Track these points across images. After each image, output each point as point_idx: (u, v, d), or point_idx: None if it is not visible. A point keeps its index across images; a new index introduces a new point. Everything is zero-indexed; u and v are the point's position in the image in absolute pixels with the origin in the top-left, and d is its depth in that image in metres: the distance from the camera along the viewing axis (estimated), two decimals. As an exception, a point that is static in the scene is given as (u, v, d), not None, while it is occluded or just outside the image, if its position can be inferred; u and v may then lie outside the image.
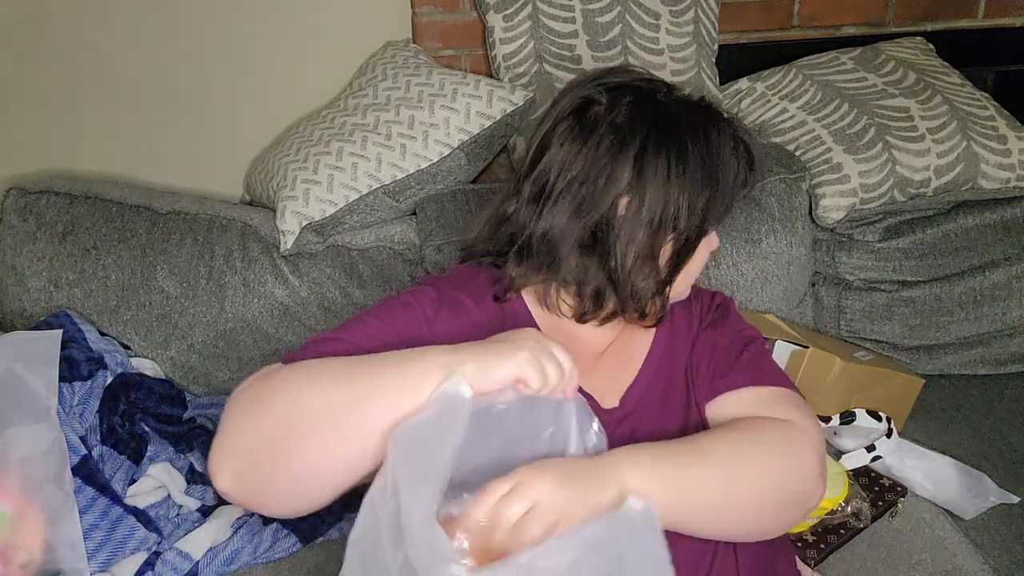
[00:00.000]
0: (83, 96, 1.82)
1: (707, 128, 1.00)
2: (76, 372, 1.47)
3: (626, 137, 0.96)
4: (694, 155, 0.98)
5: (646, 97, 0.99)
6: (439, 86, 1.69)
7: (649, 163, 0.96)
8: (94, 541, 1.32)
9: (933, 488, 1.46)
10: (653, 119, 0.97)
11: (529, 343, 0.82)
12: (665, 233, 0.99)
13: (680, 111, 0.99)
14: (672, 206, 0.97)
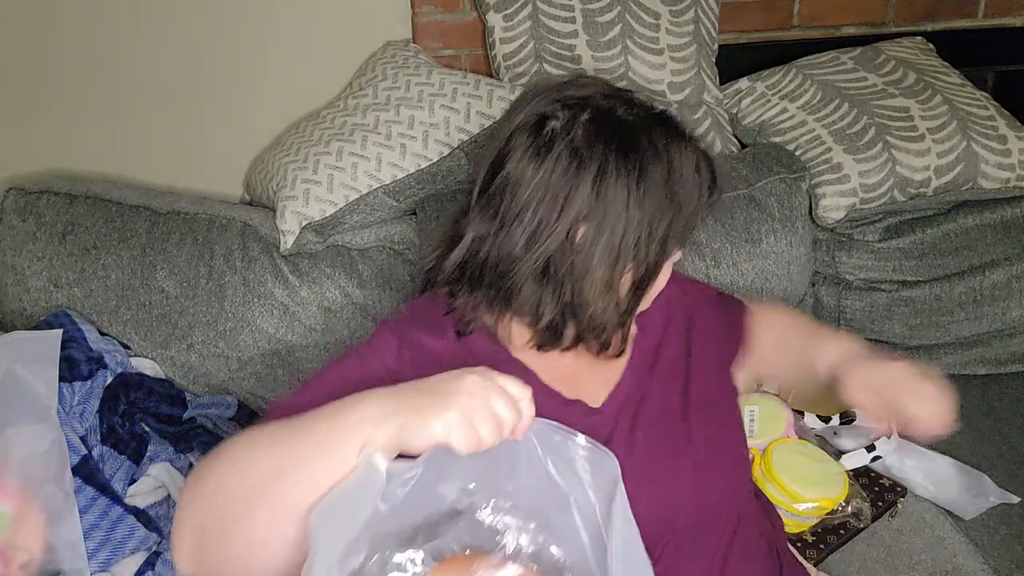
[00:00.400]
0: (83, 96, 1.82)
1: (668, 147, 0.94)
2: (76, 372, 1.47)
3: (584, 159, 0.90)
4: (655, 178, 0.92)
5: (605, 115, 0.93)
6: (439, 86, 1.69)
7: (608, 188, 0.90)
8: (94, 541, 1.32)
9: (934, 488, 1.46)
10: (612, 139, 0.91)
11: (463, 397, 0.75)
12: (625, 263, 0.93)
13: (641, 129, 0.93)
14: (632, 234, 0.92)
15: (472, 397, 0.75)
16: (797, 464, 1.36)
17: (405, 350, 0.99)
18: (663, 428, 1.03)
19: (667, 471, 1.01)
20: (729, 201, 1.70)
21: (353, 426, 0.75)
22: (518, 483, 0.80)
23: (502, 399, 0.75)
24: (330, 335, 1.60)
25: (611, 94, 0.96)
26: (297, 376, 1.61)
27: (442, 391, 0.75)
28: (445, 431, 0.73)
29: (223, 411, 1.58)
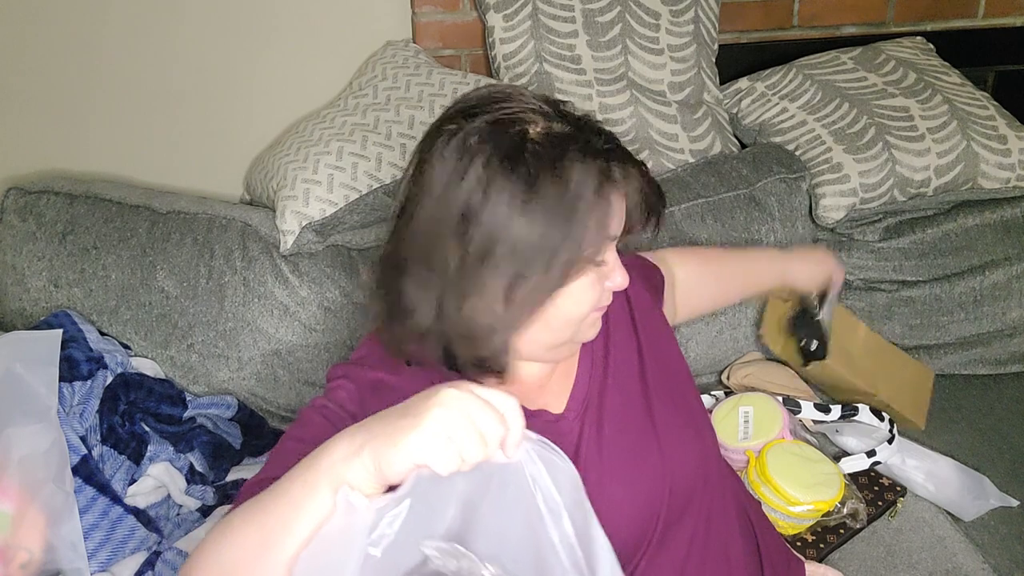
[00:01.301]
0: (83, 96, 1.82)
1: (571, 166, 0.86)
2: (76, 372, 1.47)
3: (471, 164, 0.85)
4: (548, 195, 0.85)
5: (504, 123, 0.87)
6: (439, 86, 1.69)
7: (493, 200, 0.84)
8: (94, 541, 1.32)
9: (934, 489, 1.46)
10: (502, 147, 0.85)
11: (438, 411, 0.68)
12: (518, 281, 0.86)
13: (547, 143, 0.86)
14: (523, 252, 0.85)
15: (449, 410, 0.68)
16: (792, 466, 1.36)
17: (365, 392, 0.95)
18: (626, 419, 1.03)
19: (638, 464, 1.00)
20: (729, 201, 1.70)
21: (324, 471, 0.70)
22: (504, 524, 0.74)
23: (484, 410, 0.69)
24: (330, 335, 1.60)
25: (532, 108, 0.89)
26: (297, 376, 1.61)
27: (414, 411, 0.69)
28: (421, 451, 0.67)
29: (223, 411, 1.58)
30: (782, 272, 1.43)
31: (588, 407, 1.02)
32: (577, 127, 0.89)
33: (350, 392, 0.95)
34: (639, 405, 1.04)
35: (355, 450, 0.70)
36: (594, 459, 0.99)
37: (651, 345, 1.11)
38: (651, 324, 1.14)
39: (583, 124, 0.90)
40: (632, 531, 0.98)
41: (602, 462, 0.99)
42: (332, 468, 0.70)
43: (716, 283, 1.43)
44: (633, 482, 0.99)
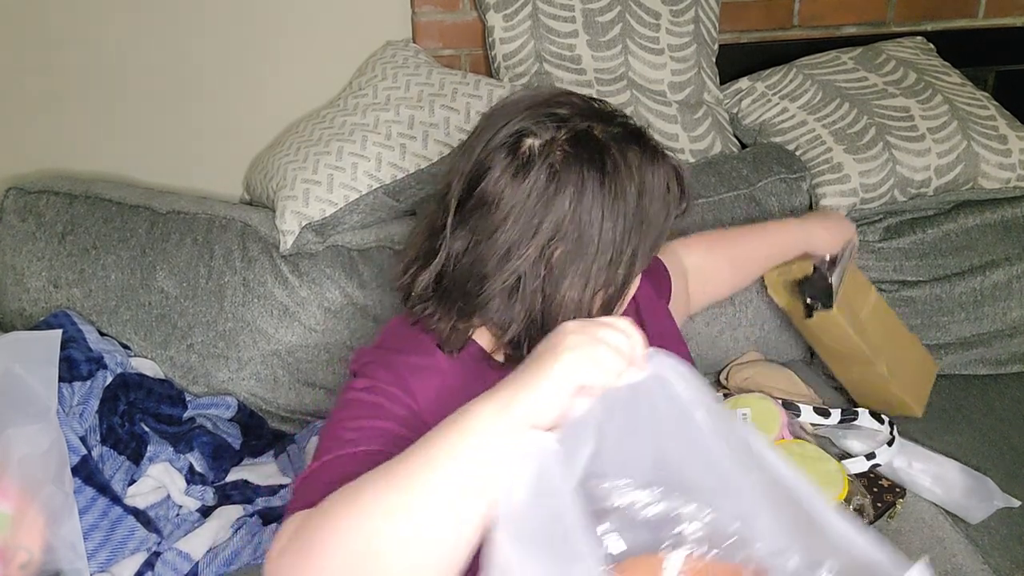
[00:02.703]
0: (83, 96, 1.82)
1: (642, 167, 0.93)
2: (76, 372, 1.47)
3: (561, 181, 0.90)
4: (629, 199, 0.91)
5: (584, 135, 0.92)
6: (439, 86, 1.69)
7: (584, 211, 0.90)
8: (94, 541, 1.32)
9: (942, 493, 1.46)
10: (591, 161, 0.91)
11: (573, 337, 0.73)
12: (596, 284, 0.93)
13: (617, 149, 0.92)
14: (605, 255, 0.91)
15: (580, 335, 0.73)
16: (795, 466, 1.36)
17: (405, 373, 0.96)
18: None
19: None
20: (730, 201, 1.70)
21: (479, 434, 0.72)
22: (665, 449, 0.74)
23: (607, 329, 0.74)
24: (330, 335, 1.60)
25: (589, 112, 0.95)
26: (297, 376, 1.61)
27: (548, 351, 0.74)
28: (569, 374, 0.71)
29: (223, 411, 1.58)
30: (805, 241, 1.45)
31: None
32: (628, 128, 0.95)
33: (388, 375, 0.95)
34: None
35: (502, 407, 0.72)
36: None
37: (657, 341, 1.11)
38: (657, 320, 1.15)
39: (629, 125, 0.96)
40: None
41: None
42: (487, 431, 0.72)
43: (730, 266, 1.46)
44: None
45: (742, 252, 1.47)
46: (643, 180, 0.92)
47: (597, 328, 0.74)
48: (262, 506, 1.45)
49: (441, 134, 1.65)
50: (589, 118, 0.93)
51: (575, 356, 0.72)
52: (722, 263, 1.44)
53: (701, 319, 1.66)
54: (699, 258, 1.39)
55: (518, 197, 0.90)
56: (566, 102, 0.95)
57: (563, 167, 0.90)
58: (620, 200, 0.91)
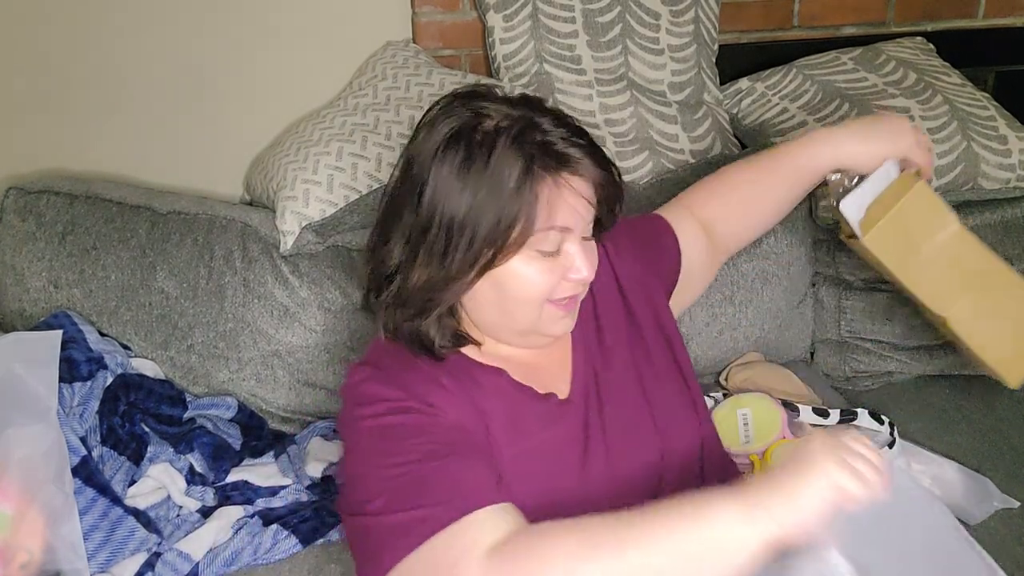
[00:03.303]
0: (83, 96, 1.82)
1: (496, 150, 0.95)
2: (76, 373, 1.47)
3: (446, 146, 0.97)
4: (478, 167, 0.94)
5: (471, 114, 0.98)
6: (439, 86, 1.69)
7: (440, 171, 0.96)
8: (94, 542, 1.32)
9: (941, 494, 1.46)
10: (456, 131, 0.97)
11: (822, 453, 0.77)
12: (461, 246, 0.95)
13: (489, 131, 0.96)
14: (461, 219, 0.94)
15: (828, 447, 0.77)
16: None
17: (425, 388, 0.99)
18: (624, 397, 1.08)
19: (635, 439, 1.06)
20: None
21: (718, 532, 0.76)
22: None
23: (857, 444, 0.78)
24: (330, 336, 1.60)
25: (507, 106, 0.99)
26: (297, 377, 1.61)
27: (799, 464, 0.76)
28: (833, 486, 0.74)
29: (223, 412, 1.58)
30: (832, 156, 1.24)
31: (588, 392, 1.07)
32: (529, 123, 0.96)
33: (407, 399, 0.97)
34: (633, 382, 1.10)
35: (747, 513, 0.76)
36: (599, 439, 1.04)
37: (643, 317, 1.16)
38: (643, 297, 1.17)
39: (536, 121, 0.96)
40: (635, 505, 1.00)
41: (606, 441, 1.04)
42: (724, 531, 0.76)
43: (757, 204, 1.33)
44: (631, 456, 1.04)
45: (762, 189, 1.31)
46: (494, 163, 0.94)
47: (849, 442, 0.78)
48: (262, 507, 1.45)
49: (441, 134, 1.65)
50: (501, 106, 0.99)
51: (838, 470, 0.75)
52: (741, 207, 1.32)
53: (701, 319, 1.66)
54: (714, 210, 1.30)
55: (410, 153, 1.01)
56: (488, 95, 1.01)
57: (440, 132, 0.98)
58: (466, 171, 0.95)
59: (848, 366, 1.76)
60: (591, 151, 0.98)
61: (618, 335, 1.13)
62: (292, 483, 1.49)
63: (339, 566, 1.37)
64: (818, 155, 1.24)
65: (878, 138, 1.22)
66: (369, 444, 0.95)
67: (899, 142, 1.22)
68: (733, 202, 1.32)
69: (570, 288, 1.01)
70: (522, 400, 1.03)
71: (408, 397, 0.97)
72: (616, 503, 0.83)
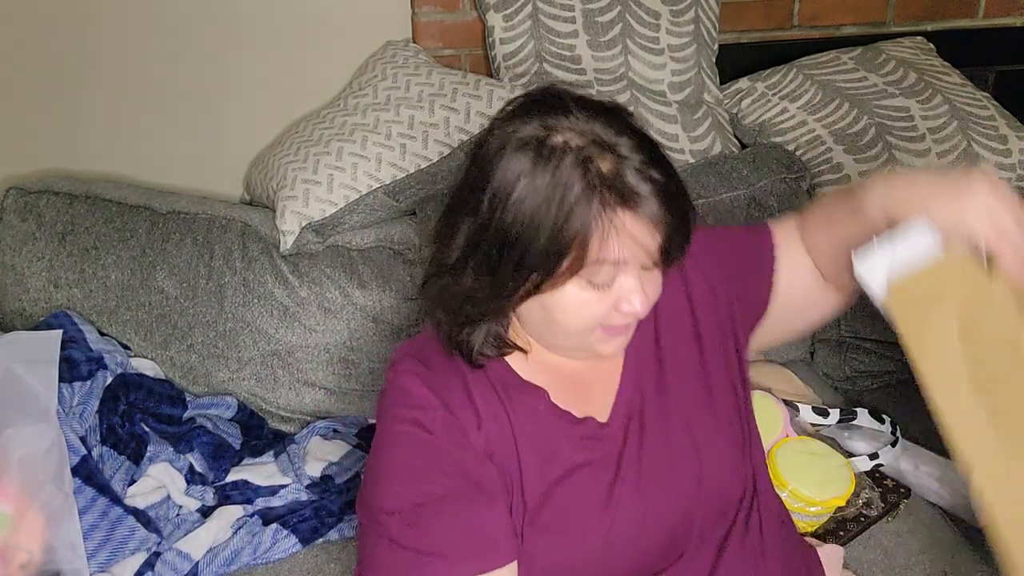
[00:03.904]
0: (83, 96, 1.82)
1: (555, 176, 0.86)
2: (76, 372, 1.47)
3: None
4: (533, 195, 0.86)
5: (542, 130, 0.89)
6: (439, 86, 1.69)
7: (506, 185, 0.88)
8: (94, 541, 1.32)
9: (948, 495, 1.46)
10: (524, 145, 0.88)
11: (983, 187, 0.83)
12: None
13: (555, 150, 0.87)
14: (493, 230, 0.88)
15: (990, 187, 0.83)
16: (803, 465, 1.36)
17: (458, 401, 0.95)
18: (668, 427, 1.01)
19: (674, 475, 0.99)
20: (729, 201, 1.70)
21: None
22: None
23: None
24: (329, 335, 1.60)
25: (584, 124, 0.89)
26: (296, 376, 1.61)
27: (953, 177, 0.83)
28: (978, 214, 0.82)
29: (223, 411, 1.58)
30: (882, 207, 0.92)
31: (632, 416, 1.00)
32: (601, 145, 0.87)
33: (435, 396, 0.95)
34: (685, 412, 1.02)
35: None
36: (632, 469, 0.98)
37: (711, 347, 1.06)
38: (715, 322, 1.07)
39: (611, 143, 0.87)
40: (660, 540, 0.97)
41: (640, 472, 0.98)
42: None
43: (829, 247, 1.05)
44: (664, 493, 0.98)
45: (832, 232, 1.03)
46: (550, 190, 0.86)
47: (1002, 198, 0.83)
48: (262, 506, 1.45)
49: (441, 134, 1.65)
50: (577, 121, 0.90)
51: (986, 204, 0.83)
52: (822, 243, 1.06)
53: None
54: (809, 240, 1.08)
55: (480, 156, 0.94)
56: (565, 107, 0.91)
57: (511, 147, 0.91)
58: (526, 191, 0.87)
59: (848, 366, 1.76)
60: (663, 188, 0.87)
61: (678, 358, 1.05)
62: (292, 482, 1.49)
63: (338, 565, 1.37)
64: (872, 199, 0.95)
65: (932, 187, 0.88)
66: (396, 451, 0.94)
67: (957, 202, 0.85)
68: (816, 234, 1.07)
69: (621, 318, 0.92)
70: (558, 426, 0.98)
71: (441, 406, 0.94)
72: (640, 540, 0.82)
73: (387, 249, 1.65)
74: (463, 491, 0.91)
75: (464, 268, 0.92)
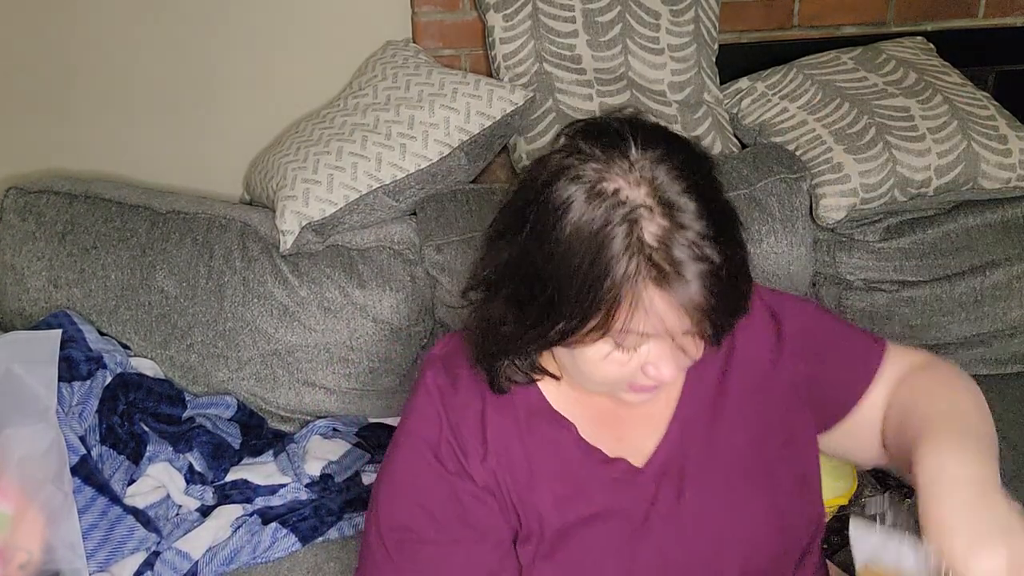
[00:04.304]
0: (83, 96, 1.82)
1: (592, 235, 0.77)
2: (75, 372, 1.47)
3: None
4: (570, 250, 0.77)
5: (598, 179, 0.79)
6: (439, 86, 1.69)
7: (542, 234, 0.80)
8: (93, 541, 1.32)
9: None
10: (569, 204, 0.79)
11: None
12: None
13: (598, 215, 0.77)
14: (523, 269, 0.81)
15: None
16: None
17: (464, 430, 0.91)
18: (707, 488, 0.93)
19: (703, 546, 0.92)
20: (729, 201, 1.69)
21: None
22: None
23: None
24: (329, 335, 1.60)
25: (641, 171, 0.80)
26: (296, 376, 1.61)
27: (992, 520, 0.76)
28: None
29: (222, 411, 1.58)
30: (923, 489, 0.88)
31: (671, 467, 0.93)
32: (656, 204, 0.76)
33: (446, 417, 0.92)
34: (735, 473, 0.94)
35: None
36: (660, 528, 0.91)
37: (782, 405, 0.97)
38: (787, 387, 0.98)
39: (670, 202, 0.77)
40: None
41: (668, 532, 0.91)
42: None
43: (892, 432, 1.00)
44: (691, 558, 0.92)
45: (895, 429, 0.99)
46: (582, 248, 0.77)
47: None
48: (261, 505, 1.45)
49: (441, 134, 1.65)
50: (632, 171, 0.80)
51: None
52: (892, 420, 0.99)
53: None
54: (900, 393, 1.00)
55: (527, 181, 0.86)
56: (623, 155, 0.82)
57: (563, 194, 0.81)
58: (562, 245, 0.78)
59: (848, 366, 1.76)
60: (714, 272, 0.77)
61: (740, 409, 0.95)
62: (291, 482, 1.48)
63: (338, 564, 1.37)
64: (919, 481, 0.89)
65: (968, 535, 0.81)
66: (398, 465, 0.93)
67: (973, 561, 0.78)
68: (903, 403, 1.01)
69: (648, 380, 0.84)
70: (585, 463, 0.92)
71: (449, 432, 0.90)
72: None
73: (387, 249, 1.65)
74: (450, 524, 0.89)
75: (497, 293, 0.85)
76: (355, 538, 1.41)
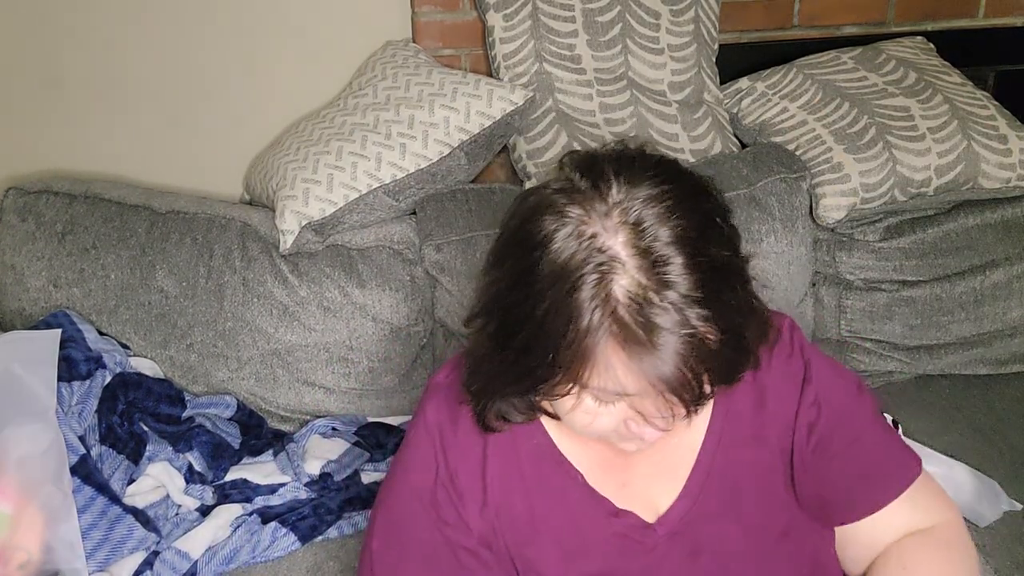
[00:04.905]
0: (83, 96, 1.82)
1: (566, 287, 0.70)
2: (75, 372, 1.47)
3: None
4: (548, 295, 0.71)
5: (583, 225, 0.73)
6: (439, 85, 1.69)
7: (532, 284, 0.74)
8: (92, 541, 1.32)
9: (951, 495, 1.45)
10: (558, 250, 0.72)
11: None
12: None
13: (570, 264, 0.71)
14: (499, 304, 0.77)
15: None
16: None
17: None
18: (725, 558, 0.85)
19: None
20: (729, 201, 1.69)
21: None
22: None
23: None
24: (329, 335, 1.60)
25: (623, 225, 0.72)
26: (296, 376, 1.61)
27: None
28: None
29: (222, 411, 1.58)
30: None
31: (686, 529, 0.85)
32: (641, 266, 0.69)
33: (443, 456, 0.88)
34: (757, 538, 0.86)
35: None
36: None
37: (815, 472, 0.88)
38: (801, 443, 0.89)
39: (658, 258, 0.69)
40: None
41: None
42: None
43: None
44: None
45: None
46: (556, 302, 0.71)
47: None
48: (261, 505, 1.45)
49: (441, 134, 1.65)
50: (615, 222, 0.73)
51: None
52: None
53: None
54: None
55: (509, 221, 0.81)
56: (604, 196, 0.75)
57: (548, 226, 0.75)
58: (542, 288, 0.72)
59: (849, 366, 1.76)
60: (695, 344, 0.68)
61: (765, 473, 0.86)
62: (291, 481, 1.48)
63: (337, 563, 1.37)
64: None
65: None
66: (396, 511, 0.89)
67: None
68: None
69: (639, 435, 0.77)
70: (590, 515, 0.85)
71: (447, 477, 0.85)
72: None
73: (387, 249, 1.65)
74: (443, 572, 0.87)
75: (484, 328, 0.79)
76: (354, 537, 1.41)
